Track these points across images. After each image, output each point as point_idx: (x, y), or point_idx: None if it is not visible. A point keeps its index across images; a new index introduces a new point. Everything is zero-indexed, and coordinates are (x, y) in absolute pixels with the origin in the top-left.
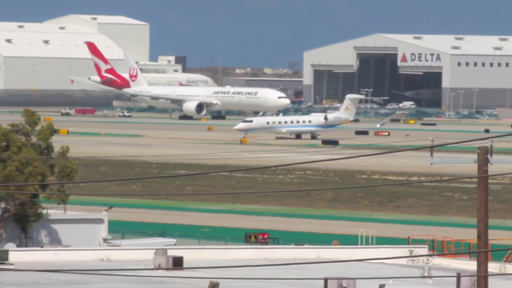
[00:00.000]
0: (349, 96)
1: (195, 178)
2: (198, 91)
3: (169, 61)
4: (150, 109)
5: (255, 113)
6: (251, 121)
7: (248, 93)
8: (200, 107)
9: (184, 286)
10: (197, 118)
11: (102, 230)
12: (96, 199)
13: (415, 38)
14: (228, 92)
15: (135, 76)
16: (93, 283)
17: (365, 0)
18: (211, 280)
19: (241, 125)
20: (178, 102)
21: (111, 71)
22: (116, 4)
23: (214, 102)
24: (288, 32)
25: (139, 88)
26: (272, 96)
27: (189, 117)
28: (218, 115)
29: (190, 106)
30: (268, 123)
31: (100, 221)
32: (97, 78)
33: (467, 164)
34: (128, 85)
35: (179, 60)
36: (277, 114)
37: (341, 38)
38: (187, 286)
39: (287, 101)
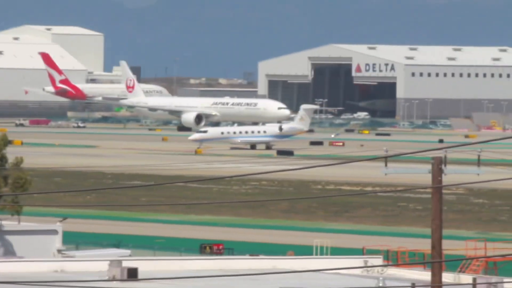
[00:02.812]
0: (303, 106)
1: (150, 188)
2: (197, 102)
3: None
4: (105, 119)
5: (254, 124)
6: (205, 132)
7: (248, 104)
8: (199, 118)
9: None
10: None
11: (56, 241)
12: (50, 210)
13: (369, 48)
14: (227, 103)
15: (132, 87)
16: None
17: (320, 11)
18: None
19: (195, 136)
20: (177, 113)
21: (65, 81)
22: (71, 15)
23: (213, 113)
24: (243, 42)
25: (136, 99)
26: (272, 107)
27: (188, 129)
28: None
29: (188, 118)
30: (223, 133)
31: (54, 232)
32: (51, 89)
33: (421, 175)
34: (82, 96)
35: (134, 70)
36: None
37: (296, 49)
38: None
39: (287, 112)
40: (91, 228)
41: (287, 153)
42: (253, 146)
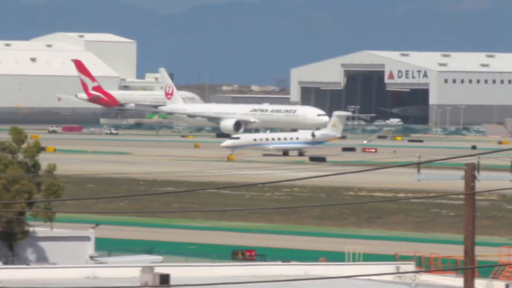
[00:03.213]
0: (336, 113)
1: (182, 195)
2: (235, 108)
3: (156, 78)
4: (138, 126)
5: (293, 131)
6: (238, 138)
7: (287, 110)
8: (238, 125)
9: None
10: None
11: (89, 248)
12: (83, 216)
13: (402, 55)
14: (267, 110)
15: (171, 94)
16: None
17: (352, 17)
18: None
19: (228, 142)
20: (215, 120)
21: (98, 88)
22: (103, 22)
23: (252, 120)
24: (275, 49)
25: (175, 106)
26: (311, 114)
27: (227, 135)
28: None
29: (227, 124)
30: (255, 140)
31: (87, 238)
32: (84, 96)
33: (454, 181)
34: (115, 103)
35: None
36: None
37: (328, 55)
38: None
39: (326, 119)
40: (123, 235)
41: (320, 159)
42: (285, 153)
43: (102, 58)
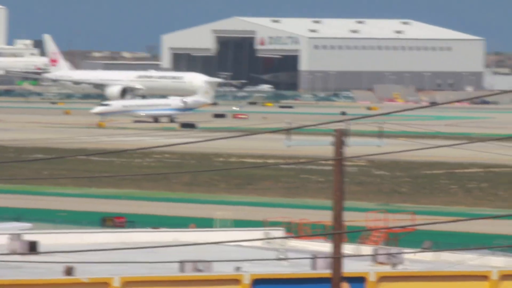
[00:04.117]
0: (207, 79)
1: (52, 162)
2: (122, 75)
3: (26, 45)
4: (7, 93)
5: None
6: (108, 105)
7: (174, 77)
8: (124, 91)
9: (40, 271)
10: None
11: None
12: None
13: (273, 21)
14: (153, 77)
15: (56, 61)
16: None
17: None
18: (66, 265)
19: (98, 109)
20: (101, 87)
21: None
22: None
23: (138, 86)
24: (145, 15)
25: (60, 73)
26: (199, 80)
27: None
28: None
29: (113, 91)
30: (126, 106)
31: None
32: None
33: (323, 147)
34: None
35: (37, 43)
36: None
37: (199, 22)
38: (43, 270)
39: (216, 85)
40: None
41: (190, 125)
42: (156, 119)
43: None
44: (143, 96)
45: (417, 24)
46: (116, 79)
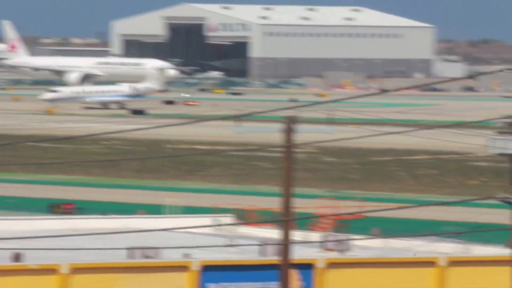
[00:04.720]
0: (167, 66)
1: (1, 148)
2: (81, 62)
3: None
4: None
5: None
6: (58, 91)
7: (133, 63)
8: (83, 78)
9: None
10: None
11: None
12: None
13: (224, 8)
14: (112, 63)
15: (16, 47)
16: None
17: None
18: (14, 251)
19: (48, 95)
20: (61, 73)
21: None
22: None
23: (98, 73)
24: (96, 1)
25: (19, 59)
26: (158, 67)
27: None
28: None
29: (72, 78)
30: (75, 92)
31: None
32: None
33: (273, 134)
34: None
35: None
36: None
37: (149, 8)
38: None
39: (175, 72)
40: None
41: (140, 112)
42: (106, 106)
43: None
44: (103, 83)
45: (368, 12)
46: (75, 65)
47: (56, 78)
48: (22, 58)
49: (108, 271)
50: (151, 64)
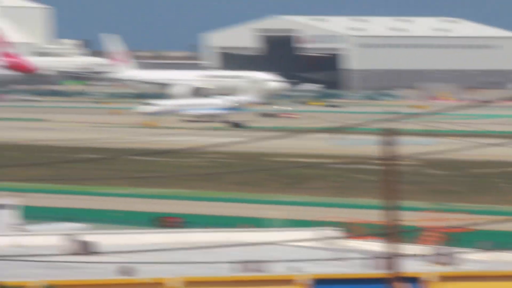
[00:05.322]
0: (273, 78)
1: (102, 162)
2: (188, 75)
3: (74, 45)
4: (55, 93)
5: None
6: (156, 105)
7: (240, 76)
8: (191, 91)
9: (95, 271)
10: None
11: (11, 216)
12: (3, 184)
13: (317, 20)
14: (219, 76)
15: (124, 61)
16: (3, 269)
17: None
18: (123, 265)
19: (145, 109)
20: (168, 86)
21: (14, 55)
22: None
23: (205, 86)
24: (188, 14)
25: (127, 73)
26: (263, 80)
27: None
28: None
29: (180, 91)
30: (174, 106)
31: (8, 206)
32: (0, 62)
33: (373, 146)
34: (32, 70)
35: (83, 43)
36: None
37: (242, 21)
38: (98, 271)
39: (281, 84)
40: (44, 202)
41: (239, 125)
42: (205, 119)
43: (18, 24)
44: (208, 96)
45: (463, 22)
46: (180, 78)
47: (161, 91)
48: (127, 71)
49: (220, 285)
50: (255, 76)
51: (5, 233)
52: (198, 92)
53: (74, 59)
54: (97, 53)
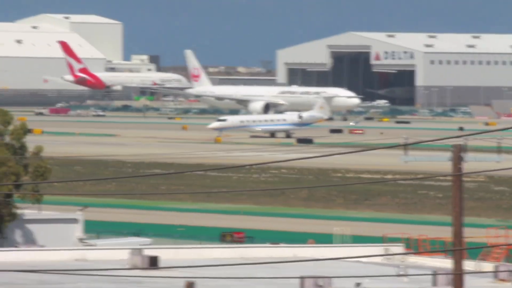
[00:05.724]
0: (323, 94)
1: (170, 177)
2: (263, 91)
3: (142, 60)
4: (124, 108)
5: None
6: (225, 120)
7: (316, 92)
8: (266, 107)
9: (160, 286)
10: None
11: (77, 230)
12: (71, 199)
13: (388, 36)
14: (295, 92)
15: (198, 76)
16: (69, 283)
17: None
18: (187, 280)
19: (215, 124)
20: (243, 102)
21: (84, 70)
22: (89, 3)
23: (281, 102)
24: (260, 30)
25: (202, 88)
26: (341, 96)
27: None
28: None
29: (256, 107)
30: (242, 121)
31: (75, 221)
32: (71, 78)
33: (441, 162)
34: (101, 85)
35: (153, 59)
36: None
37: (313, 37)
38: (163, 285)
39: (357, 101)
40: (112, 217)
41: (307, 141)
42: (272, 134)
43: (88, 39)
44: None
45: None
46: (258, 94)
47: (236, 107)
48: (205, 87)
49: None
50: (330, 92)
51: (73, 247)
52: (271, 108)
53: (145, 74)
54: (164, 68)
